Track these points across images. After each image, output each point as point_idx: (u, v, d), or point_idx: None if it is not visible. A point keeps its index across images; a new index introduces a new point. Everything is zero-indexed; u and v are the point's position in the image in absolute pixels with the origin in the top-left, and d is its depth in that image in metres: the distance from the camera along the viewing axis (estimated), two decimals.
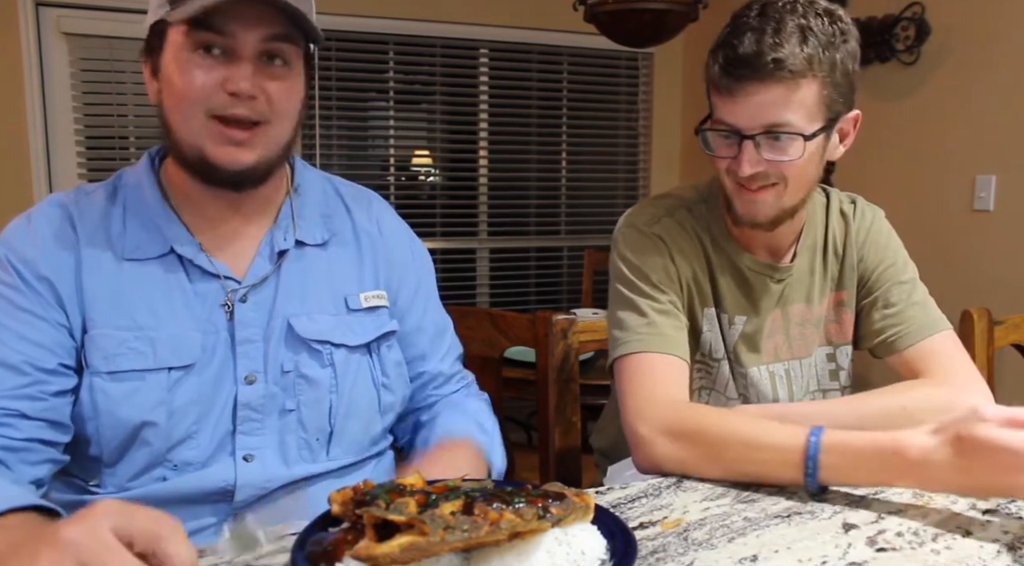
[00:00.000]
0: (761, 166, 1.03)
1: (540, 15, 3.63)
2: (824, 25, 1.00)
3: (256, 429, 0.95)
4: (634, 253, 1.16)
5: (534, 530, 0.64)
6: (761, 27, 0.98)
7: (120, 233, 0.94)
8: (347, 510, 0.67)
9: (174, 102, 0.90)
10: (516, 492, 0.66)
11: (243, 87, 0.87)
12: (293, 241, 1.00)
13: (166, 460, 0.92)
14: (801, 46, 0.98)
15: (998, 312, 1.55)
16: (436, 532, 0.59)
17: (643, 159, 4.05)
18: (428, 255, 1.16)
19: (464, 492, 0.65)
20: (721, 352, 1.20)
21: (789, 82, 0.98)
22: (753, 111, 1.00)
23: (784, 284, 1.19)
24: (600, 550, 0.67)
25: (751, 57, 0.98)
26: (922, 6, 2.78)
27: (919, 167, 2.85)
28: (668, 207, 1.19)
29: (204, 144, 0.90)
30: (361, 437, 1.02)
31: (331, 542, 0.66)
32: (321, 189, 1.07)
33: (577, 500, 0.68)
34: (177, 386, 0.91)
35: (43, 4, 3.01)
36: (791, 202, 1.09)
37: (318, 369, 0.97)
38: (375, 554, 0.59)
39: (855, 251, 1.22)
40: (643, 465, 1.02)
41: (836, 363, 1.25)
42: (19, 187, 2.95)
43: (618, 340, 1.12)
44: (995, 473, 0.77)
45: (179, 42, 0.88)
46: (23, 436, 0.85)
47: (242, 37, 0.87)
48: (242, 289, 0.96)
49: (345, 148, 3.61)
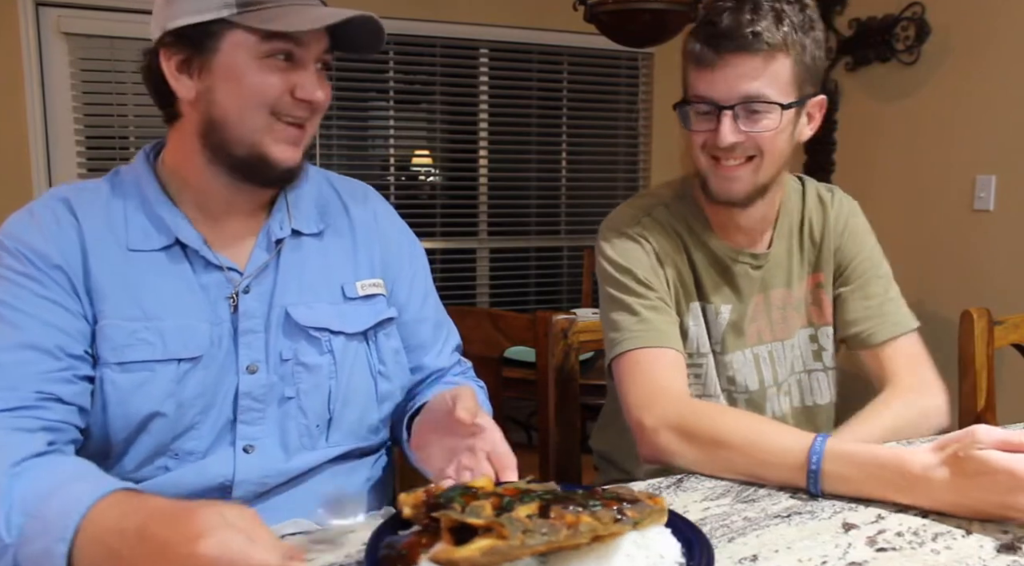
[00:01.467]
0: (739, 137, 1.07)
1: (540, 15, 3.62)
2: (796, 11, 1.07)
3: (257, 419, 0.96)
4: (618, 254, 1.19)
5: (613, 534, 0.64)
6: (739, 7, 1.05)
7: (122, 225, 0.94)
8: (419, 513, 0.67)
9: (237, 102, 0.92)
10: (589, 495, 0.66)
11: (319, 97, 0.93)
12: (289, 230, 1.01)
13: (169, 450, 0.93)
14: (777, 25, 1.04)
15: (998, 312, 1.55)
16: (515, 536, 0.58)
17: (643, 159, 4.05)
18: (423, 249, 1.18)
19: (538, 495, 0.65)
20: (707, 346, 1.22)
21: (766, 54, 1.04)
22: (732, 82, 1.05)
23: (764, 270, 1.23)
24: (676, 553, 0.67)
25: (731, 29, 1.04)
26: (922, 6, 2.78)
27: (919, 167, 2.85)
28: (646, 206, 1.23)
29: (264, 141, 0.93)
30: (359, 425, 1.03)
31: (404, 545, 0.65)
32: (315, 182, 1.08)
33: (651, 503, 0.67)
34: (186, 378, 0.92)
35: (43, 4, 3.01)
36: (765, 177, 1.12)
37: (316, 356, 0.98)
38: (455, 558, 0.58)
39: (833, 237, 1.26)
40: (648, 456, 1.05)
41: (819, 344, 1.28)
42: (19, 186, 2.95)
43: (614, 340, 1.15)
44: (990, 493, 0.78)
45: (250, 46, 0.90)
46: (59, 419, 0.86)
47: (312, 47, 0.93)
48: (245, 279, 0.97)
49: (345, 148, 3.61)
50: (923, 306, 2.84)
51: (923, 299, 2.85)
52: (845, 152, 3.20)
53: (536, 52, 3.76)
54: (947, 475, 0.81)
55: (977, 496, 0.79)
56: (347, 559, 0.73)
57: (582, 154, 3.99)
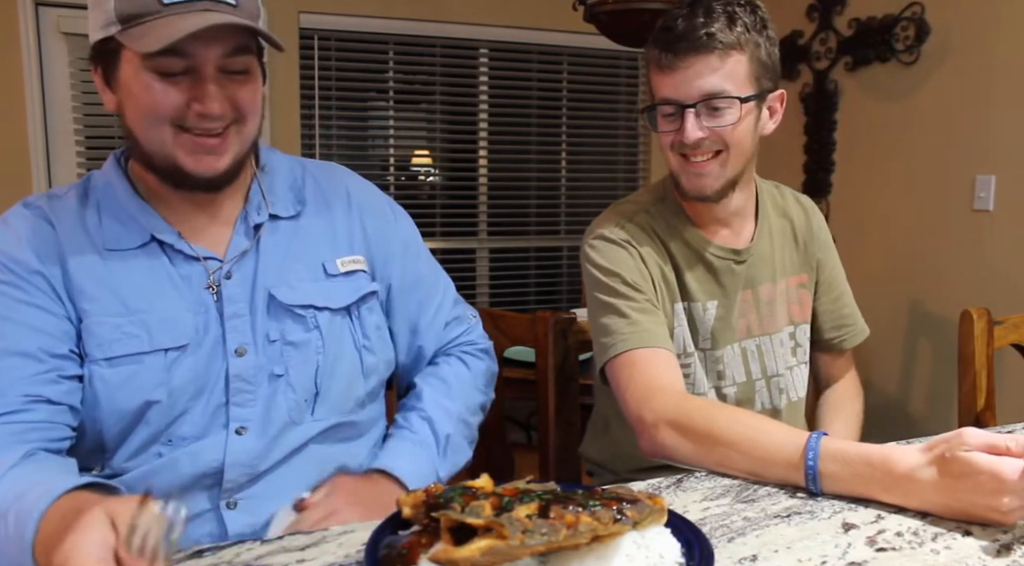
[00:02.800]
0: (703, 132, 1.12)
1: (540, 15, 3.63)
2: (747, 13, 1.13)
3: (248, 400, 0.97)
4: (605, 259, 1.21)
5: (613, 534, 0.64)
6: (693, 12, 1.12)
7: (97, 227, 0.95)
8: (419, 513, 0.67)
9: (140, 117, 0.90)
10: (589, 495, 0.66)
11: (213, 109, 0.89)
12: (267, 215, 1.02)
13: (163, 436, 0.94)
14: (729, 26, 1.11)
15: (998, 312, 1.55)
16: (515, 536, 0.58)
17: (643, 159, 4.05)
18: (407, 215, 1.20)
19: (537, 495, 0.64)
20: (692, 346, 1.25)
21: (721, 53, 1.10)
22: (691, 81, 1.11)
23: (747, 265, 1.26)
24: (676, 553, 0.67)
25: (687, 32, 1.10)
26: (922, 6, 2.78)
27: (919, 167, 2.85)
28: (627, 213, 1.26)
29: (175, 153, 0.91)
30: (345, 398, 1.04)
31: (404, 545, 0.65)
32: (288, 166, 1.09)
33: (651, 503, 0.67)
34: (175, 366, 0.93)
35: (43, 4, 3.01)
36: (733, 171, 1.17)
37: (303, 333, 1.00)
38: (455, 558, 0.58)
39: (815, 245, 1.34)
40: (648, 451, 1.06)
41: (795, 341, 1.33)
42: (19, 187, 2.95)
43: (606, 345, 1.16)
44: (975, 495, 0.78)
45: (137, 64, 0.88)
46: (48, 419, 0.87)
47: (202, 56, 0.88)
48: (226, 265, 0.98)
49: (345, 148, 3.61)
50: (923, 306, 2.84)
51: (923, 299, 2.85)
52: (845, 152, 3.20)
53: (536, 52, 3.77)
54: (933, 475, 0.81)
55: (961, 497, 0.79)
56: (347, 559, 0.73)
57: (582, 154, 3.99)
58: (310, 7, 3.35)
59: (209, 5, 0.87)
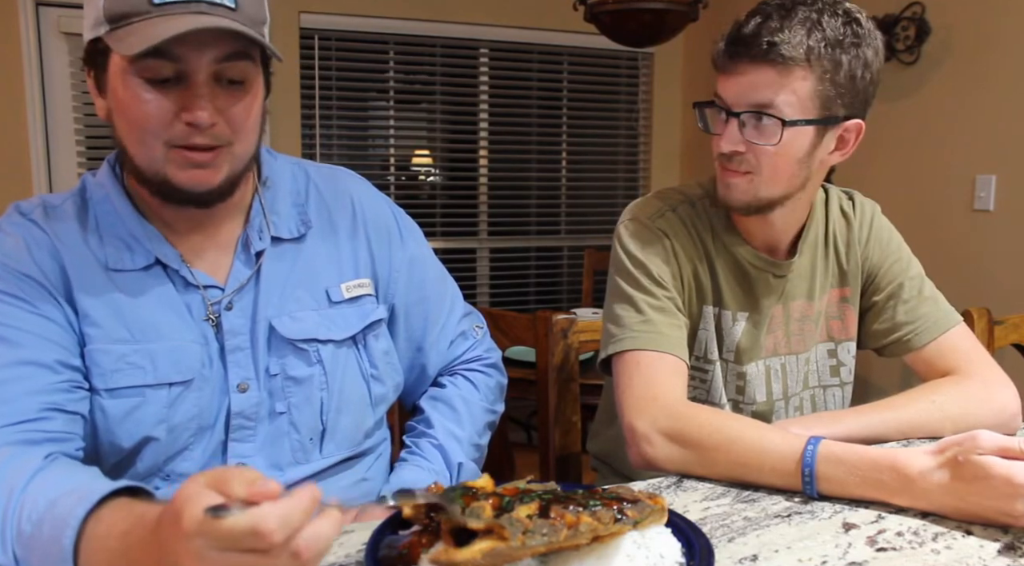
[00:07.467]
0: (740, 146, 1.04)
1: (540, 15, 3.62)
2: (837, 24, 1.00)
3: (248, 436, 0.94)
4: (637, 246, 1.14)
5: (614, 534, 0.64)
6: (770, 13, 1.00)
7: (98, 243, 0.90)
8: (419, 513, 0.66)
9: (128, 128, 0.85)
10: (588, 495, 0.66)
11: (201, 118, 0.82)
12: (269, 239, 0.97)
13: (161, 472, 0.91)
14: (804, 37, 0.98)
15: (998, 312, 1.55)
16: (516, 537, 0.58)
17: (643, 159, 4.05)
18: (414, 224, 1.13)
19: (537, 495, 0.64)
20: (715, 353, 1.19)
21: (780, 67, 0.99)
22: (742, 89, 1.02)
23: (785, 280, 1.19)
24: (676, 553, 0.67)
25: (748, 37, 1.00)
26: (922, 6, 2.78)
27: (919, 167, 2.85)
28: (672, 202, 1.18)
29: (166, 169, 0.85)
30: (354, 432, 1.01)
31: (404, 545, 0.65)
32: (291, 176, 1.03)
33: (651, 503, 0.67)
34: (178, 401, 0.90)
35: (43, 4, 3.01)
36: (766, 193, 1.07)
37: (305, 368, 0.96)
38: (456, 560, 0.58)
39: (859, 249, 1.22)
40: (637, 462, 1.02)
41: (837, 359, 1.24)
42: (19, 187, 2.95)
43: (614, 336, 1.11)
44: (987, 499, 0.78)
45: (125, 67, 0.82)
46: (63, 429, 0.84)
47: (193, 61, 0.81)
48: (227, 296, 0.93)
49: (345, 148, 3.61)
50: None
51: None
52: None
53: (536, 52, 3.77)
54: (945, 478, 0.80)
55: (974, 501, 0.79)
56: (347, 559, 0.73)
57: (582, 154, 3.99)
58: (310, 7, 3.35)
59: (205, 7, 0.81)
